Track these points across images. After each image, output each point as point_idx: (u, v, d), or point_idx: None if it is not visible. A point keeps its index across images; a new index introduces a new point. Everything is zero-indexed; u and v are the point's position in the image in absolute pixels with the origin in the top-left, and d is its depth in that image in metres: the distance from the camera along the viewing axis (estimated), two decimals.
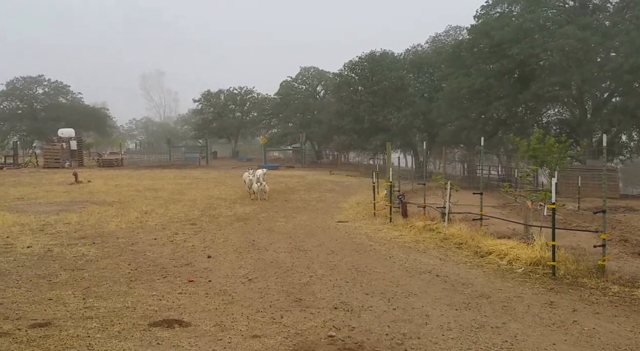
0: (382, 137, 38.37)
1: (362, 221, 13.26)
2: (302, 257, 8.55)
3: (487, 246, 9.06)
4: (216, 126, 58.16)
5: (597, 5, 32.29)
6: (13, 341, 4.64)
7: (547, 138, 11.44)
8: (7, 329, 4.96)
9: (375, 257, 8.79)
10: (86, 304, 5.84)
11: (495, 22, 32.08)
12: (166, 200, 16.59)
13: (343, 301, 6.01)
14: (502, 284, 7.04)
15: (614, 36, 28.53)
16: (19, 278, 7.01)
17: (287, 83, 55.94)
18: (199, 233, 10.98)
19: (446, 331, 5.07)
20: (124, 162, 40.70)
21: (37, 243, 9.36)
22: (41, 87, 60.69)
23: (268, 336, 4.88)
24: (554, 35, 28.83)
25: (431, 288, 6.75)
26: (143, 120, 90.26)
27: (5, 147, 51.92)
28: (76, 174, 23.17)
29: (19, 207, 14.37)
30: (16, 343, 4.60)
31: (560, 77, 28.91)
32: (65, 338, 4.74)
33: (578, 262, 7.74)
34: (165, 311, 5.60)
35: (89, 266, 7.73)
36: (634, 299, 6.31)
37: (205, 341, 4.74)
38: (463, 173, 36.07)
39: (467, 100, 32.51)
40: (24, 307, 5.72)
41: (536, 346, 4.75)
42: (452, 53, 36.06)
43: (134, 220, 12.51)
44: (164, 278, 7.13)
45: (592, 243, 8.18)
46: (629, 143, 32.66)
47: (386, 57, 43.25)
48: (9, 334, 4.82)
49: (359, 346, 4.66)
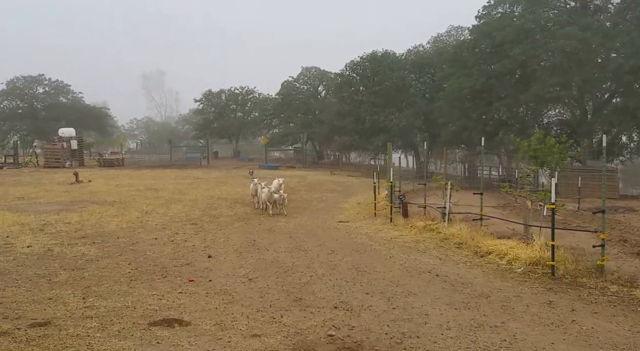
0: (383, 137, 38.37)
1: (362, 221, 13.27)
2: (303, 257, 8.57)
3: (486, 246, 9.08)
4: (217, 126, 58.19)
5: (598, 6, 32.30)
6: (12, 341, 4.65)
7: (548, 138, 11.45)
8: (7, 328, 4.96)
9: (376, 256, 8.80)
10: (86, 303, 5.85)
11: (496, 23, 32.09)
12: (167, 200, 16.61)
13: (343, 301, 6.03)
14: (502, 284, 7.05)
15: (615, 37, 28.55)
16: (19, 278, 7.02)
17: (289, 83, 55.94)
18: (200, 233, 11.00)
19: (445, 331, 5.08)
20: (124, 161, 40.74)
21: (37, 243, 9.37)
22: (42, 87, 60.69)
23: (268, 335, 4.89)
24: (555, 35, 28.84)
25: (431, 287, 6.76)
26: (144, 119, 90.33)
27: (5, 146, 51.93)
28: (77, 174, 23.21)
29: (19, 207, 14.39)
30: (15, 343, 4.61)
31: (561, 78, 28.91)
32: (65, 338, 4.75)
33: (577, 261, 7.76)
34: (166, 311, 5.61)
35: (89, 266, 7.74)
36: (633, 299, 6.33)
37: (205, 340, 4.75)
38: (464, 174, 36.11)
39: (468, 100, 32.51)
40: (24, 306, 5.73)
41: (535, 345, 4.77)
42: (453, 53, 36.08)
43: (134, 219, 12.53)
44: (164, 278, 7.14)
45: (591, 243, 8.20)
46: (629, 144, 32.68)
47: (388, 57, 43.24)
48: (8, 333, 4.83)
49: (359, 345, 4.67)
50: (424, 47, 49.33)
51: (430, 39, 51.19)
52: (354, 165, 49.03)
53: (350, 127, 41.59)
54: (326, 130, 46.06)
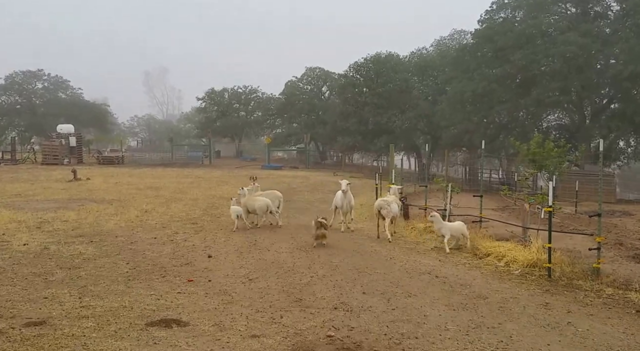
0: (386, 138, 38.51)
1: (364, 222, 13.28)
2: (304, 257, 8.56)
3: (485, 248, 9.13)
4: (220, 125, 58.02)
5: (598, 13, 32.44)
6: (7, 340, 4.61)
7: (547, 142, 11.53)
8: (1, 327, 4.92)
9: (376, 257, 8.82)
10: (82, 303, 5.80)
11: (498, 27, 32.25)
12: (167, 199, 16.57)
13: (343, 302, 6.04)
14: (499, 285, 7.09)
15: (614, 43, 28.73)
16: (14, 276, 6.96)
17: (292, 83, 55.94)
18: (200, 232, 10.95)
19: (443, 331, 5.11)
20: (124, 159, 40.68)
21: (33, 241, 9.30)
22: (40, 82, 60.16)
23: (267, 336, 4.89)
24: (556, 41, 29.02)
25: (430, 288, 6.79)
26: (145, 117, 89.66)
27: (3, 142, 51.81)
28: (75, 171, 23.15)
29: (16, 204, 14.32)
30: (10, 342, 4.57)
31: (560, 83, 29.06)
32: (60, 337, 4.71)
33: (573, 264, 7.83)
34: (164, 311, 5.58)
35: (86, 265, 7.68)
36: (628, 301, 6.38)
37: (204, 341, 4.74)
38: (465, 176, 36.17)
39: (470, 104, 32.68)
40: (19, 305, 5.69)
41: (531, 346, 4.80)
42: (456, 57, 36.29)
43: (133, 218, 12.46)
44: (163, 278, 7.10)
45: (588, 246, 8.26)
46: (626, 149, 32.86)
47: (391, 59, 43.40)
48: (2, 333, 4.79)
49: (358, 346, 4.69)
50: (428, 50, 49.52)
51: (434, 42, 51.41)
52: (357, 166, 48.99)
53: (353, 128, 41.68)
54: (329, 130, 46.14)
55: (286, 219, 13.42)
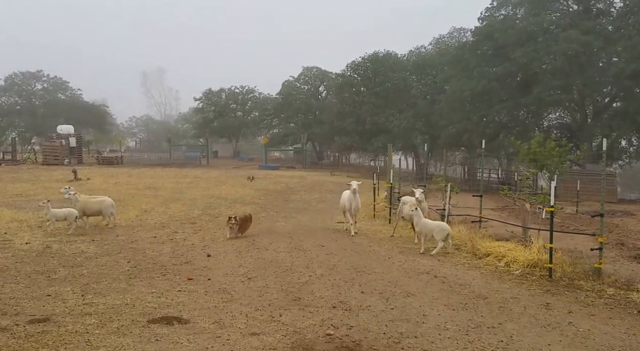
0: (384, 138, 38.39)
1: (362, 222, 13.27)
2: (302, 257, 8.58)
3: (485, 248, 9.10)
4: (217, 125, 58.16)
5: (600, 10, 32.25)
6: (11, 337, 4.66)
7: (548, 142, 11.50)
8: (6, 324, 4.98)
9: (374, 257, 8.82)
10: (85, 300, 5.86)
11: (499, 25, 32.11)
12: (166, 198, 16.60)
13: (341, 301, 6.04)
14: (499, 285, 7.08)
15: (617, 41, 28.57)
16: (18, 274, 7.03)
17: (289, 83, 55.91)
18: (199, 232, 11.01)
19: (443, 331, 5.10)
20: (123, 160, 40.74)
21: (35, 240, 9.38)
22: (40, 83, 60.48)
23: (266, 334, 4.91)
24: (557, 39, 28.86)
25: (429, 288, 6.78)
26: (143, 118, 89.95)
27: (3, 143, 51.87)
28: (75, 171, 23.22)
29: (18, 203, 14.38)
30: (14, 339, 4.62)
31: (562, 81, 28.95)
32: (64, 334, 4.76)
33: (575, 264, 7.80)
34: (165, 309, 5.62)
35: (88, 263, 7.75)
36: (629, 302, 6.37)
37: (204, 338, 4.77)
38: (464, 176, 36.13)
39: (469, 103, 32.54)
40: (23, 303, 5.74)
41: (531, 346, 4.79)
42: (455, 55, 36.11)
43: (133, 218, 12.54)
44: (164, 276, 7.15)
45: (589, 246, 8.25)
46: (628, 148, 32.71)
47: (389, 58, 43.27)
48: (7, 329, 4.84)
49: (357, 344, 4.69)
50: (426, 48, 49.38)
51: (432, 40, 51.32)
52: (354, 166, 49.03)
53: (350, 128, 41.60)
54: (326, 130, 46.10)
55: (283, 219, 13.43)
